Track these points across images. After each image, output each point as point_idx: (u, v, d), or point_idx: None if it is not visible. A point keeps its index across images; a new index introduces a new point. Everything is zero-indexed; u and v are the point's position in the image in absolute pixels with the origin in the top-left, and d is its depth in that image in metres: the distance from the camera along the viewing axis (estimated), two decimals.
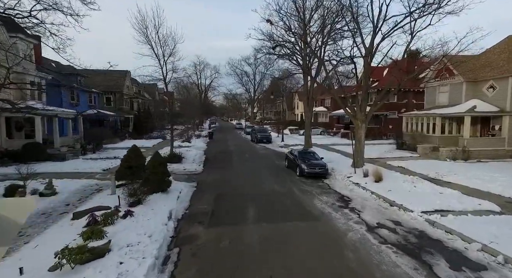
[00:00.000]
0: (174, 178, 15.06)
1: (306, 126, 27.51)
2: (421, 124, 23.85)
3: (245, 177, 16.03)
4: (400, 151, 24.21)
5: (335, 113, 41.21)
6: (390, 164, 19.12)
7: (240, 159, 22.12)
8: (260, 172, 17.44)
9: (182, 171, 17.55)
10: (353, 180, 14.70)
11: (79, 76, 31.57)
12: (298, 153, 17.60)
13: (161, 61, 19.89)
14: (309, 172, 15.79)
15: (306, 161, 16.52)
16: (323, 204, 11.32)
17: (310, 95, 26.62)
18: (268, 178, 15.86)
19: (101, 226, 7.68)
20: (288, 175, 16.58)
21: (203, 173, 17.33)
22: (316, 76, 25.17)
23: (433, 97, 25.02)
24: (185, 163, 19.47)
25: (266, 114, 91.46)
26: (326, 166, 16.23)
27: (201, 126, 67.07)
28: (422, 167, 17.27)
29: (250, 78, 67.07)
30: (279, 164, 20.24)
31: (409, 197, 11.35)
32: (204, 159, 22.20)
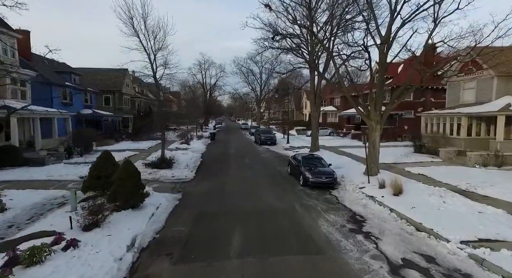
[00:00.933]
0: (157, 188, 13.06)
1: (313, 127, 25.14)
2: (444, 125, 21.14)
3: (240, 187, 13.84)
4: (418, 155, 21.57)
5: (345, 113, 38.58)
6: (409, 170, 16.59)
7: (239, 164, 19.94)
8: (259, 180, 15.21)
9: (170, 178, 15.49)
10: (367, 191, 12.30)
11: (73, 74, 30.05)
12: (302, 158, 15.30)
13: (151, 56, 17.93)
14: (314, 182, 13.47)
15: (311, 168, 14.22)
16: (330, 226, 9.03)
17: (317, 92, 24.24)
18: (266, 188, 13.62)
19: (22, 266, 5.63)
20: (290, 185, 14.30)
21: (194, 181, 15.23)
22: (324, 71, 22.77)
23: (457, 94, 22.26)
24: (176, 169, 17.43)
25: (274, 114, 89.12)
26: (334, 175, 13.88)
27: (206, 126, 65.32)
28: (448, 175, 14.71)
29: (256, 77, 64.74)
30: (282, 170, 17.97)
31: (440, 218, 8.94)
32: (199, 164, 20.11)
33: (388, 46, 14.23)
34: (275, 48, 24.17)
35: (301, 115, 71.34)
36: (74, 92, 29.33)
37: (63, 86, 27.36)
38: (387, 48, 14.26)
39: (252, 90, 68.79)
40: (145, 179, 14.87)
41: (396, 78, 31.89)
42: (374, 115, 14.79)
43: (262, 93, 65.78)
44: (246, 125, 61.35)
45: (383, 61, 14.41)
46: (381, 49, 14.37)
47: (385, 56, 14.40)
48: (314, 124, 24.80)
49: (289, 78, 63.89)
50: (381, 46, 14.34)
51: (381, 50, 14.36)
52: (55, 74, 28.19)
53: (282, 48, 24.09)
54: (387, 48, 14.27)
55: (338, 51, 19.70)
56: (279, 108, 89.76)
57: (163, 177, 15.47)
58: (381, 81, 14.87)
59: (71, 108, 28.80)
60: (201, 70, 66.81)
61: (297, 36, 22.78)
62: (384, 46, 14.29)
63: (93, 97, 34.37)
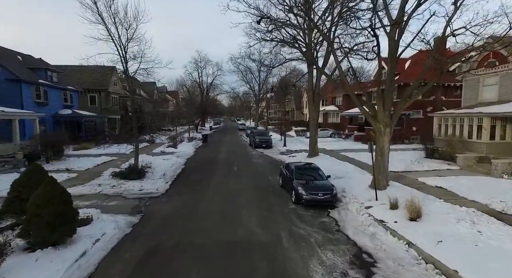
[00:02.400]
0: (112, 208, 10.50)
1: (311, 129, 22.49)
2: (461, 127, 18.41)
3: (219, 206, 11.22)
4: (431, 161, 18.85)
5: (348, 112, 35.90)
6: (424, 182, 13.91)
7: (225, 173, 17.33)
8: (243, 195, 12.57)
9: (137, 192, 12.90)
10: (375, 213, 9.65)
11: (50, 71, 27.54)
12: (295, 168, 12.66)
13: (121, 47, 15.35)
14: (309, 200, 10.83)
15: (306, 182, 11.58)
16: (327, 271, 6.41)
17: (315, 90, 21.58)
18: (250, 207, 10.99)
19: None
20: (280, 201, 11.66)
21: (165, 196, 12.62)
22: (323, 66, 20.08)
23: (475, 92, 19.53)
24: (148, 179, 14.84)
25: (274, 114, 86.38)
26: (333, 190, 11.22)
27: (203, 127, 62.82)
28: (474, 189, 12.04)
29: (254, 75, 62.10)
30: (273, 180, 15.33)
31: (482, 262, 6.31)
32: (180, 172, 17.52)
33: (401, 31, 11.55)
34: (268, 41, 21.51)
35: (302, 115, 68.65)
36: (50, 91, 26.86)
37: (36, 84, 24.89)
38: (399, 33, 11.58)
39: (250, 89, 66.24)
40: (105, 194, 12.42)
41: (404, 74, 29.17)
42: (382, 116, 12.12)
43: (261, 92, 63.17)
44: (244, 126, 58.69)
45: (394, 50, 11.72)
46: (391, 35, 11.68)
47: (396, 43, 11.72)
48: (313, 126, 22.14)
49: (290, 76, 61.38)
50: (391, 32, 11.66)
51: (391, 37, 11.67)
52: (29, 71, 25.73)
53: (276, 40, 21.42)
54: (399, 33, 11.59)
55: (340, 44, 17.01)
56: (279, 108, 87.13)
57: (127, 191, 12.88)
58: (391, 75, 12.19)
59: (46, 108, 26.36)
60: (197, 69, 64.28)
61: (292, 25, 20.08)
62: (395, 31, 11.62)
63: (75, 97, 31.89)
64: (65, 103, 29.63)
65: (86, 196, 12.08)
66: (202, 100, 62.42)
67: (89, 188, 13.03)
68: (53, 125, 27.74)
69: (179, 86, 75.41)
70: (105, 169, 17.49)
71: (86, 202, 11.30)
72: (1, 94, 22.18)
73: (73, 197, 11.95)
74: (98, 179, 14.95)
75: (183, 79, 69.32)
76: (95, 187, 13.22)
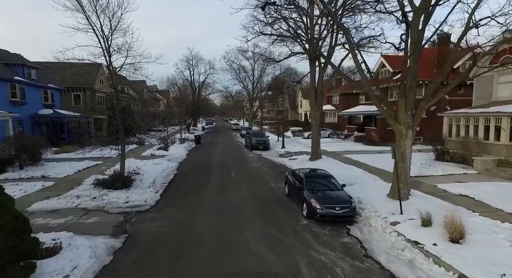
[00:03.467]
0: (91, 228, 8.75)
1: (313, 130, 20.98)
2: (475, 128, 17.17)
3: (216, 223, 9.53)
4: (443, 164, 17.59)
5: (347, 112, 34.62)
6: (445, 189, 12.55)
7: (222, 180, 15.63)
8: (245, 210, 10.90)
9: (122, 204, 11.09)
10: (405, 231, 8.13)
11: (28, 67, 25.21)
12: (304, 176, 11.06)
13: (103, 39, 13.47)
14: (325, 215, 9.26)
15: (319, 193, 10.02)
16: None
17: (318, 89, 20.08)
18: (255, 226, 9.33)
19: None
20: (290, 217, 10.05)
21: (154, 209, 10.85)
22: (327, 61, 18.52)
23: (488, 90, 18.34)
24: (135, 189, 13.01)
25: (267, 113, 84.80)
26: (352, 203, 9.68)
27: (195, 127, 60.81)
28: (504, 198, 10.72)
29: (248, 74, 60.39)
30: (277, 188, 13.73)
31: None
32: (171, 179, 15.73)
33: (427, 17, 10.08)
34: (268, 35, 19.89)
35: (296, 115, 67.35)
36: (28, 89, 24.57)
37: (11, 82, 22.62)
38: (424, 20, 10.11)
39: (244, 88, 64.48)
40: (83, 209, 10.59)
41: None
42: (404, 117, 10.67)
43: (255, 91, 61.51)
44: (237, 126, 56.99)
45: (418, 40, 10.21)
46: (413, 23, 10.20)
47: (421, 32, 10.24)
48: (315, 126, 20.62)
49: (283, 75, 59.93)
50: (414, 19, 10.18)
51: (413, 24, 10.18)
52: (3, 67, 23.40)
53: (276, 35, 19.82)
54: (424, 21, 10.12)
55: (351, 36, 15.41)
56: (272, 108, 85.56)
57: (111, 204, 11.06)
58: (414, 69, 10.71)
59: (24, 108, 24.11)
60: (189, 67, 62.21)
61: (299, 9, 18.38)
62: (419, 18, 10.15)
63: (57, 96, 29.57)
64: (46, 103, 27.33)
65: (60, 212, 10.22)
66: (194, 100, 60.40)
67: (65, 200, 11.14)
68: (32, 126, 25.46)
69: (170, 85, 73.06)
70: (87, 175, 15.58)
71: (59, 219, 9.47)
72: None
73: (44, 214, 10.31)
74: (78, 188, 13.04)
75: (174, 78, 67.21)
76: (72, 199, 11.33)
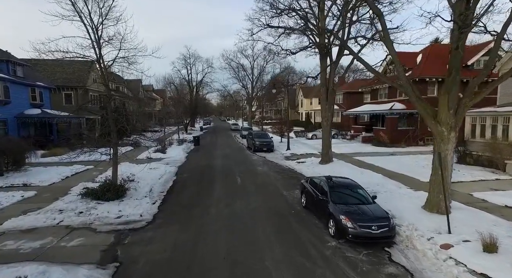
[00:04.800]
0: (74, 251, 7.13)
1: (324, 131, 19.40)
2: (505, 128, 15.70)
3: (227, 247, 7.89)
4: (467, 167, 16.14)
5: (352, 111, 33.13)
6: (484, 198, 11.04)
7: (227, 188, 13.96)
8: (258, 226, 9.25)
9: (113, 220, 9.40)
10: (463, 258, 6.54)
11: (13, 63, 23.31)
12: (327, 185, 9.43)
13: (95, 32, 11.74)
14: (359, 235, 7.65)
15: (348, 208, 8.41)
16: None
17: (329, 86, 18.51)
18: (273, 249, 7.71)
19: None
20: (313, 235, 8.43)
21: (151, 226, 9.15)
22: (344, 47, 16.93)
23: None
24: (130, 199, 11.32)
25: (266, 113, 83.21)
26: (390, 220, 8.08)
27: (192, 127, 58.98)
28: None
29: (247, 72, 58.73)
30: (290, 197, 12.13)
31: None
32: (170, 186, 14.04)
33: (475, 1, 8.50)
34: (275, 27, 18.27)
35: (296, 115, 65.87)
36: (13, 87, 22.69)
37: None
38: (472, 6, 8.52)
39: (243, 88, 62.83)
40: (67, 227, 8.90)
41: (417, 69, 26.55)
42: (446, 116, 9.08)
43: (254, 90, 59.87)
44: (237, 126, 55.28)
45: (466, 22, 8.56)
46: (458, 5, 8.60)
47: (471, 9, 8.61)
48: (326, 127, 19.06)
49: (283, 74, 58.33)
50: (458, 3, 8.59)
51: (458, 6, 8.57)
52: None
53: (283, 27, 18.22)
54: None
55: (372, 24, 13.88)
56: (271, 107, 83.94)
57: (100, 220, 9.36)
58: (456, 60, 9.10)
59: (8, 108, 22.26)
60: (186, 65, 60.42)
61: (304, 12, 17.01)
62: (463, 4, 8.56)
63: (46, 95, 27.71)
64: (34, 102, 25.46)
65: (38, 231, 8.50)
66: (192, 99, 58.60)
67: (46, 216, 9.40)
68: (18, 127, 23.59)
69: (166, 84, 71.12)
70: (75, 183, 13.88)
71: (35, 242, 7.76)
72: None
73: (17, 234, 8.16)
74: (63, 199, 11.32)
75: (171, 77, 65.35)
76: (54, 214, 9.60)
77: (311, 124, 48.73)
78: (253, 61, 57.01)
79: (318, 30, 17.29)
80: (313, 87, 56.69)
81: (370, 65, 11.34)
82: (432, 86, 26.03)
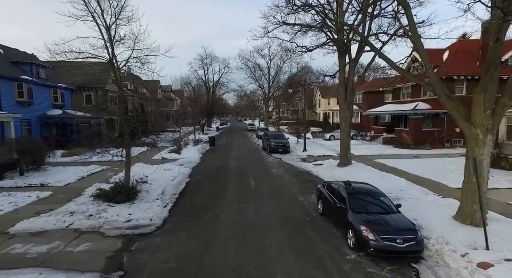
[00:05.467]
0: (80, 258, 6.88)
1: (342, 132, 18.53)
2: None
3: (237, 258, 7.40)
4: (502, 172, 14.85)
5: (373, 111, 31.78)
6: None
7: (240, 191, 13.48)
8: (270, 235, 8.68)
9: (122, 224, 9.16)
10: None
11: (36, 65, 24.06)
12: (346, 193, 8.69)
13: (108, 31, 11.65)
14: (382, 249, 6.92)
15: (370, 217, 7.69)
16: None
17: (348, 85, 17.64)
18: (285, 261, 7.13)
19: None
20: (330, 247, 7.77)
21: (159, 233, 8.81)
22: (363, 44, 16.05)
23: None
24: (141, 202, 11.11)
25: (282, 113, 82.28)
26: (417, 232, 7.27)
27: (209, 127, 59.19)
28: None
29: (264, 72, 58.22)
30: (306, 203, 11.48)
31: None
32: (183, 189, 13.77)
33: None
34: (290, 25, 17.62)
35: (314, 115, 64.57)
36: (36, 89, 23.39)
37: (17, 81, 21.42)
38: None
39: (259, 87, 62.39)
40: (75, 230, 8.73)
41: (444, 67, 24.97)
42: (481, 117, 8.14)
43: (271, 90, 59.24)
44: (253, 127, 54.86)
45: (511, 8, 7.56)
46: None
47: None
48: (344, 128, 18.18)
49: (300, 73, 57.28)
50: None
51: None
52: (10, 66, 22.31)
53: (300, 25, 17.54)
54: None
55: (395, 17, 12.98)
56: (288, 107, 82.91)
57: (109, 223, 9.15)
58: (494, 54, 8.12)
59: (31, 108, 22.95)
60: (203, 66, 60.67)
61: (321, 6, 16.29)
62: None
63: (67, 95, 28.51)
64: (55, 103, 26.19)
65: (47, 234, 8.39)
66: (208, 99, 58.83)
67: (56, 219, 9.32)
68: (41, 128, 24.32)
69: (184, 85, 71.97)
70: (89, 183, 13.91)
71: (43, 246, 7.61)
72: None
73: (27, 237, 8.02)
74: (75, 201, 11.28)
75: (188, 77, 65.89)
76: (64, 217, 9.50)
77: (329, 125, 47.49)
78: (270, 61, 56.48)
79: (337, 26, 16.48)
80: (331, 86, 55.28)
81: (394, 62, 10.49)
82: (460, 84, 24.39)
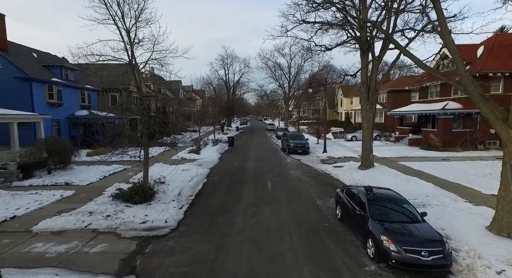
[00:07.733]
0: (94, 259, 6.98)
1: (364, 133, 17.78)
2: None
3: (250, 267, 7.17)
4: None
5: (398, 111, 30.38)
6: None
7: (256, 193, 13.28)
8: (285, 241, 8.40)
9: (138, 225, 9.25)
10: None
11: (65, 68, 25.24)
12: (366, 199, 8.20)
13: (128, 34, 11.88)
14: (404, 262, 6.43)
15: (392, 226, 7.18)
16: None
17: (371, 84, 16.88)
18: (300, 271, 6.82)
19: None
20: (348, 257, 7.34)
21: (173, 236, 8.77)
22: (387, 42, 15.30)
23: None
24: (158, 203, 11.21)
25: (303, 113, 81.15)
26: (445, 244, 6.70)
27: (229, 127, 59.57)
28: None
29: (284, 71, 57.68)
30: (324, 207, 11.05)
31: None
32: (199, 190, 13.78)
33: None
34: (311, 23, 17.12)
35: (335, 115, 63.13)
36: (65, 91, 24.53)
37: (48, 83, 22.56)
38: None
39: (279, 87, 61.91)
40: (93, 230, 8.91)
41: (478, 64, 23.31)
42: None
43: (291, 90, 58.57)
44: (273, 127, 54.49)
45: None
46: None
47: None
48: (367, 129, 17.42)
49: (322, 72, 56.13)
50: None
51: None
52: (42, 69, 23.54)
53: (320, 22, 16.99)
54: None
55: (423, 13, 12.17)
56: (309, 107, 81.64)
57: (125, 224, 9.26)
58: None
59: (61, 109, 24.11)
60: (223, 66, 61.20)
61: (342, 3, 15.70)
62: None
63: (93, 97, 29.67)
64: (82, 104, 27.37)
65: (66, 234, 8.62)
66: (229, 99, 59.21)
67: (76, 218, 9.58)
68: (69, 128, 25.51)
69: (205, 85, 73.01)
70: (110, 183, 14.27)
71: (61, 245, 7.82)
72: (11, 94, 20.03)
73: (48, 236, 8.28)
74: (95, 200, 11.59)
75: (209, 78, 66.80)
76: (84, 216, 9.75)
77: (351, 125, 46.16)
78: (290, 60, 55.83)
79: (359, 23, 15.77)
80: (354, 85, 53.70)
81: (420, 60, 9.81)
82: (497, 82, 22.66)
